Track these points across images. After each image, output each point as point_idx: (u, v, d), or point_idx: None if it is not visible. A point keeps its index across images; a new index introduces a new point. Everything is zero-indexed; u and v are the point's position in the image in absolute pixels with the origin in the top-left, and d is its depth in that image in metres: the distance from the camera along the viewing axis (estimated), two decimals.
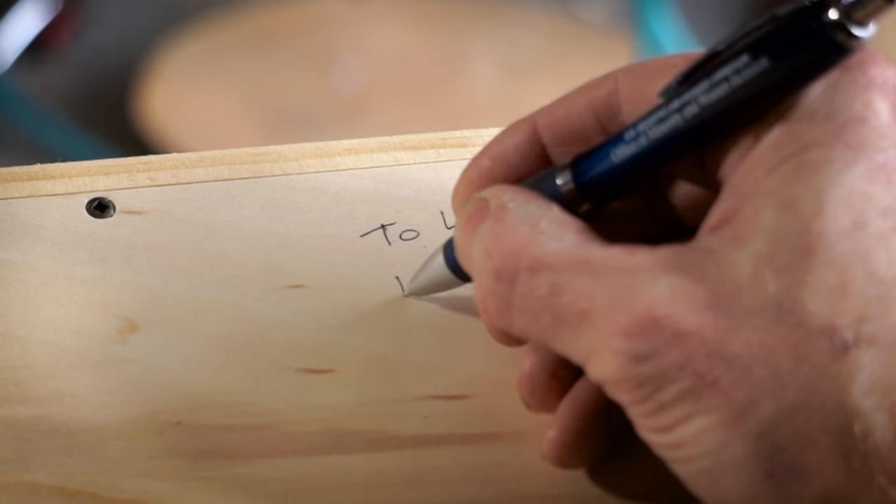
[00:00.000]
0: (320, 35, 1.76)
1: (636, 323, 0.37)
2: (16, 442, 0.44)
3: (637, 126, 0.41)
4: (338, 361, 0.47)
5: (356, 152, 0.53)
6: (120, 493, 0.43)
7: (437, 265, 0.47)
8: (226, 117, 1.65)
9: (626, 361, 0.38)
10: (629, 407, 0.39)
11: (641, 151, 0.41)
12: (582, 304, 0.38)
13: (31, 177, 0.50)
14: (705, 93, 0.39)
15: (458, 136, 0.53)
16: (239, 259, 0.49)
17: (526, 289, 0.39)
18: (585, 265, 0.39)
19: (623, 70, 0.43)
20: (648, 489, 0.44)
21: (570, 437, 0.43)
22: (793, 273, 0.37)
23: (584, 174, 0.42)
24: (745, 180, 0.39)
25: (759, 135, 0.39)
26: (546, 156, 0.44)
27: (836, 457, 0.37)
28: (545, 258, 0.39)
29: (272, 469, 0.44)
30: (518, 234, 0.40)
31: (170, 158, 0.52)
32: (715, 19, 1.93)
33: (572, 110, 0.44)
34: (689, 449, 0.38)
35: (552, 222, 0.40)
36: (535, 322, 0.40)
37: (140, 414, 0.45)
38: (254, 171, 0.52)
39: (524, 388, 0.44)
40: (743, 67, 0.39)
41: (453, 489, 0.44)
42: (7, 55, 1.85)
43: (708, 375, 0.37)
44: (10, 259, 0.48)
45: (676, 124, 0.40)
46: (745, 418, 0.37)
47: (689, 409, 0.37)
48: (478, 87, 1.69)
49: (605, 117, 0.43)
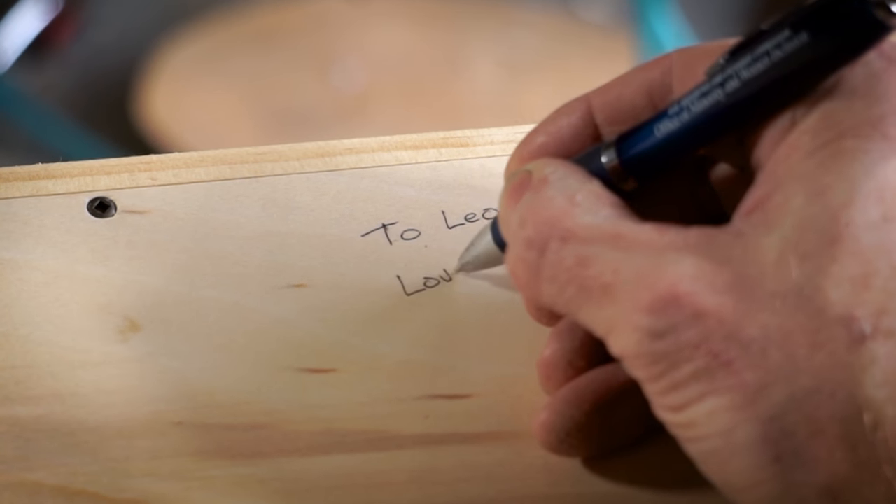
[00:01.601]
0: (321, 35, 1.76)
1: (657, 300, 0.38)
2: (17, 441, 0.44)
3: (681, 101, 0.41)
4: (339, 361, 0.47)
5: (357, 152, 0.53)
6: (121, 492, 0.43)
7: (485, 241, 0.47)
8: (227, 117, 1.65)
9: (644, 337, 0.38)
10: (645, 384, 0.39)
11: (684, 126, 0.41)
12: (607, 278, 0.39)
13: (33, 176, 0.50)
14: (746, 67, 0.40)
15: (459, 136, 0.53)
16: (240, 258, 0.49)
17: (555, 259, 0.40)
18: (615, 240, 0.39)
19: (678, 51, 0.44)
20: (649, 490, 0.44)
21: (560, 421, 0.43)
22: (817, 261, 0.37)
23: (628, 150, 0.42)
24: (780, 165, 0.39)
25: (796, 119, 0.39)
26: (599, 135, 0.44)
27: (844, 446, 0.37)
28: (576, 230, 0.40)
29: (273, 468, 0.44)
30: (553, 204, 0.41)
31: (171, 158, 0.52)
32: (715, 19, 1.93)
33: (626, 90, 0.44)
34: (700, 429, 0.38)
35: (588, 195, 0.41)
36: (561, 292, 0.40)
37: (141, 413, 0.45)
38: (255, 170, 0.52)
39: (541, 373, 0.45)
40: (784, 42, 0.39)
41: (454, 489, 0.44)
42: (8, 55, 1.85)
43: (723, 356, 0.37)
44: (11, 258, 0.48)
45: (718, 98, 0.40)
46: (756, 401, 0.37)
47: (703, 388, 0.38)
48: (478, 86, 1.68)
49: (657, 98, 0.43)
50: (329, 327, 0.48)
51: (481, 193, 0.52)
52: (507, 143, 0.53)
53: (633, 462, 0.44)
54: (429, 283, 0.49)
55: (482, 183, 0.52)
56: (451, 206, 0.51)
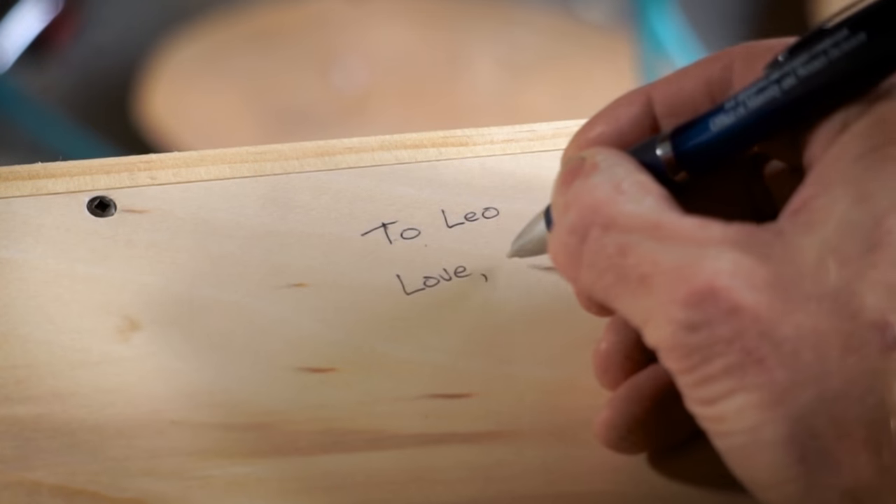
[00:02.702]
0: (321, 34, 1.76)
1: (694, 293, 0.38)
2: (17, 441, 0.44)
3: (737, 96, 0.41)
4: (339, 360, 0.47)
5: (357, 151, 0.53)
6: (121, 492, 0.43)
7: (538, 228, 0.47)
8: (227, 116, 1.65)
9: (679, 329, 0.38)
10: (678, 376, 0.39)
11: (739, 121, 0.41)
12: (645, 268, 0.39)
13: (33, 175, 0.50)
14: (804, 65, 0.40)
15: (458, 136, 0.53)
16: (240, 258, 0.49)
17: (596, 246, 0.40)
18: (656, 230, 0.39)
19: (740, 46, 0.44)
20: (649, 489, 0.44)
21: (622, 420, 0.43)
22: (856, 265, 0.37)
23: (683, 143, 0.42)
24: (829, 168, 0.39)
25: (848, 121, 0.39)
26: (658, 126, 0.44)
27: (869, 450, 0.37)
28: (619, 218, 0.40)
29: (273, 468, 0.44)
30: (598, 191, 0.41)
31: (171, 157, 0.52)
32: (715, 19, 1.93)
33: (686, 84, 0.44)
34: (729, 424, 0.38)
35: (634, 185, 0.41)
36: (600, 280, 0.40)
37: (141, 413, 0.45)
38: (255, 169, 0.52)
39: (598, 366, 0.45)
40: (842, 41, 0.39)
41: (454, 488, 0.44)
42: (8, 55, 1.85)
43: (755, 353, 0.37)
44: (11, 258, 0.48)
45: (774, 95, 0.40)
46: (785, 400, 0.37)
47: (733, 384, 0.38)
48: (478, 86, 1.68)
49: (717, 92, 0.44)
50: (329, 327, 0.48)
51: (481, 193, 0.52)
52: (507, 143, 0.53)
53: (634, 460, 0.44)
54: (428, 282, 0.49)
55: (482, 182, 0.52)
56: (451, 206, 0.51)
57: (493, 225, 0.51)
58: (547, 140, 0.53)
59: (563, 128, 0.54)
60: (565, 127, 0.54)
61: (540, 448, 0.45)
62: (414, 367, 0.47)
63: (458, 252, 0.50)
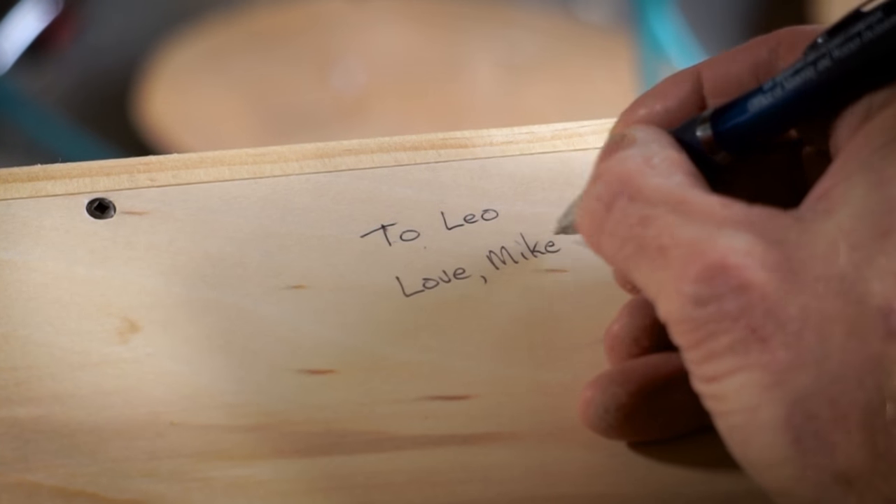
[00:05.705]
0: (320, 35, 1.76)
1: (706, 268, 0.38)
2: (16, 442, 0.44)
3: (776, 78, 0.41)
4: (338, 362, 0.47)
5: (356, 153, 0.53)
6: (121, 493, 0.43)
7: None
8: (226, 118, 1.65)
9: (688, 303, 0.38)
10: (684, 351, 0.39)
11: (775, 102, 0.41)
12: (664, 240, 0.39)
13: (32, 177, 0.50)
14: (839, 47, 0.40)
15: (458, 137, 0.53)
16: (239, 259, 0.49)
17: (620, 215, 0.41)
18: (680, 205, 0.40)
19: (786, 30, 0.44)
20: (649, 493, 0.44)
21: (601, 398, 0.44)
22: (866, 251, 0.38)
23: (722, 124, 0.43)
24: (851, 157, 0.39)
25: (872, 109, 0.40)
26: (705, 106, 0.45)
27: (863, 435, 0.37)
28: (645, 189, 0.41)
29: (273, 469, 0.44)
30: (629, 163, 0.41)
31: (170, 159, 0.52)
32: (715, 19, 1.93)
33: (733, 66, 0.44)
34: (730, 403, 0.38)
35: (665, 160, 0.41)
36: (621, 249, 0.41)
37: (140, 414, 0.45)
38: (254, 171, 0.52)
39: (606, 344, 0.45)
40: (875, 24, 0.39)
41: (453, 490, 0.44)
42: (7, 56, 1.85)
43: (760, 331, 0.38)
44: (10, 260, 0.48)
45: (809, 76, 0.41)
46: (784, 382, 0.37)
47: (737, 362, 0.38)
48: (478, 87, 1.68)
49: (763, 75, 0.44)
50: (328, 328, 0.48)
51: (480, 194, 0.52)
52: (506, 145, 0.53)
53: (633, 462, 0.44)
54: (428, 284, 0.49)
55: (481, 184, 0.52)
56: (451, 207, 0.51)
57: (492, 227, 0.51)
58: (546, 142, 0.53)
59: (562, 129, 0.54)
60: (564, 129, 0.54)
61: (540, 450, 0.45)
62: (413, 369, 0.47)
63: (458, 254, 0.50)
